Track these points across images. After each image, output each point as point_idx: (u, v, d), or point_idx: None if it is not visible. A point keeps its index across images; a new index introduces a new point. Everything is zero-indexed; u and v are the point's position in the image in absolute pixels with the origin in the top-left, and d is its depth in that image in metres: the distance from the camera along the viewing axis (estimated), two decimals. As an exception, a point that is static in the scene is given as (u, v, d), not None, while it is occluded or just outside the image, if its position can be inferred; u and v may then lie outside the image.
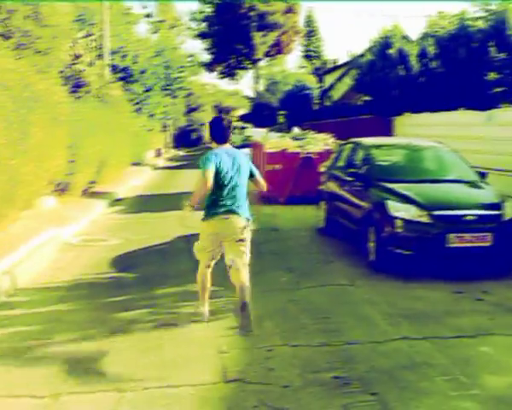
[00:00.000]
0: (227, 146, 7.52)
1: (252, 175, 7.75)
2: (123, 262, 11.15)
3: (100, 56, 27.96)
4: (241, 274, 7.36)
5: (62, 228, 13.40)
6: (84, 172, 18.15)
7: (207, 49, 77.40)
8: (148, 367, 6.24)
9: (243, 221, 7.44)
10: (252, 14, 70.81)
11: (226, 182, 7.27)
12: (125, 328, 7.46)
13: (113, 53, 31.98)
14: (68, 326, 7.56)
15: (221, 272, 10.06)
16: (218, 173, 7.16)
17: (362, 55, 29.68)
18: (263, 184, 8.03)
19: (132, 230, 14.59)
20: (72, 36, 21.39)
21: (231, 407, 5.38)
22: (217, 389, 5.74)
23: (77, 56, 22.90)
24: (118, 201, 20.70)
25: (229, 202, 7.32)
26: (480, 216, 9.91)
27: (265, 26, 71.70)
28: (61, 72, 20.42)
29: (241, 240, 7.40)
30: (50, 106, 14.51)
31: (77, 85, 23.07)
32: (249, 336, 7.14)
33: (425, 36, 26.62)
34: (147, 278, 9.93)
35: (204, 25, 76.78)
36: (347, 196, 12.14)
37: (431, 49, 25.29)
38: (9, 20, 15.32)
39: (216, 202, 7.28)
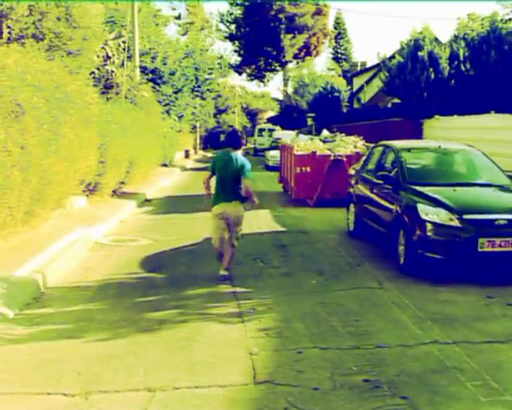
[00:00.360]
0: (238, 152, 9.84)
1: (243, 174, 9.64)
2: (152, 263, 11.21)
3: (130, 58, 28.11)
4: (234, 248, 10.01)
5: (92, 228, 13.50)
6: (113, 173, 18.27)
7: (236, 51, 77.56)
8: (178, 367, 6.25)
9: (238, 206, 9.73)
10: (281, 16, 70.90)
11: (227, 178, 9.62)
12: (154, 328, 7.50)
13: (143, 54, 32.17)
14: (99, 325, 7.61)
15: (252, 275, 10.14)
16: (222, 172, 9.67)
17: (392, 58, 29.55)
18: (244, 187, 9.70)
19: (161, 230, 14.66)
20: (102, 37, 21.54)
21: (261, 409, 5.37)
22: (247, 390, 5.75)
23: (108, 57, 23.05)
24: (147, 201, 20.84)
25: (229, 192, 9.64)
26: (512, 221, 9.79)
27: (294, 28, 71.75)
28: (92, 73, 20.58)
29: (237, 221, 9.82)
30: (81, 107, 14.64)
31: (107, 87, 23.25)
32: (279, 337, 7.16)
33: (455, 38, 26.47)
34: (176, 279, 9.97)
35: (233, 27, 76.99)
36: (377, 198, 12.09)
37: (462, 52, 25.13)
38: (42, 22, 15.46)
39: (221, 192, 9.69)
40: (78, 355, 6.57)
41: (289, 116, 64.01)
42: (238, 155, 9.76)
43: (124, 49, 25.16)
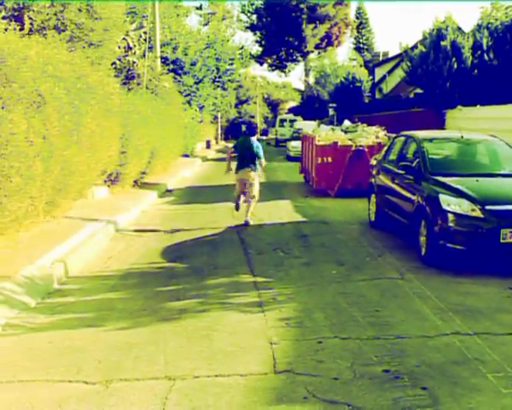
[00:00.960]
0: (253, 137, 14.17)
1: (258, 156, 13.89)
2: (173, 252, 11.25)
3: (151, 48, 28.17)
4: (251, 202, 13.93)
5: (114, 217, 13.56)
6: (135, 163, 18.34)
7: (258, 42, 77.40)
8: (199, 356, 6.27)
9: (253, 173, 13.85)
10: (302, 6, 70.66)
11: (245, 154, 13.87)
12: (175, 317, 7.52)
13: (164, 45, 32.19)
14: (119, 314, 7.65)
15: (272, 265, 10.14)
16: (241, 150, 13.97)
17: (414, 47, 29.33)
18: (261, 162, 14.07)
19: (182, 220, 14.69)
20: (123, 28, 21.57)
21: (281, 398, 5.37)
22: (267, 379, 5.74)
23: (129, 48, 23.10)
24: (168, 192, 20.90)
25: (246, 163, 13.85)
26: (535, 211, 9.67)
27: (316, 18, 71.48)
28: (113, 64, 20.63)
29: (251, 184, 13.84)
30: (103, 97, 14.70)
31: (128, 77, 23.31)
32: (299, 327, 7.16)
33: (479, 27, 26.20)
34: (197, 269, 10.00)
35: (254, 17, 76.83)
36: (398, 189, 12.02)
37: (485, 41, 24.89)
38: (63, 13, 15.52)
39: (241, 163, 13.94)
40: (99, 344, 6.61)
41: (311, 106, 63.84)
42: (254, 140, 14.06)
43: (145, 40, 25.22)
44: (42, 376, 5.77)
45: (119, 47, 21.85)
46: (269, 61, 79.80)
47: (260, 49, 77.88)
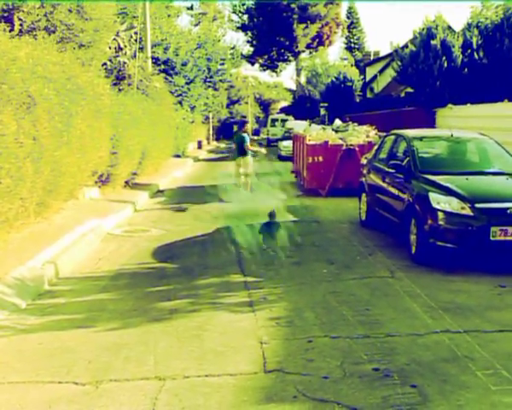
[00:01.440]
0: (244, 133, 18.64)
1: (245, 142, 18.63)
2: (164, 253, 11.24)
3: (142, 49, 28.10)
4: (247, 178, 18.64)
5: (105, 219, 13.54)
6: (126, 164, 18.30)
7: (249, 42, 77.30)
8: (189, 356, 6.27)
9: (247, 158, 18.46)
10: (293, 6, 70.60)
11: (239, 145, 18.53)
12: (166, 317, 7.52)
13: (155, 45, 32.13)
14: (110, 315, 7.65)
15: (263, 264, 10.14)
16: (237, 143, 18.65)
17: (404, 47, 29.36)
18: (247, 146, 18.74)
19: (173, 221, 14.69)
20: (114, 29, 21.50)
21: (271, 397, 5.38)
22: (257, 378, 5.75)
23: (119, 49, 23.05)
24: (159, 192, 20.87)
25: (240, 151, 18.50)
26: (525, 209, 9.70)
27: (307, 17, 71.42)
28: (104, 64, 20.59)
29: (247, 164, 18.50)
30: (93, 98, 14.67)
31: (119, 78, 23.26)
32: (289, 326, 7.17)
33: (469, 26, 26.25)
34: (188, 269, 10.00)
35: (245, 17, 76.73)
36: (389, 188, 12.04)
37: (475, 40, 24.93)
38: (53, 14, 15.47)
39: (237, 152, 18.70)
40: (90, 345, 6.61)
41: (302, 106, 63.86)
42: (244, 134, 18.79)
43: (136, 41, 25.16)
44: (32, 377, 5.76)
45: (110, 48, 21.79)
46: (260, 61, 79.67)
47: (251, 49, 77.73)
